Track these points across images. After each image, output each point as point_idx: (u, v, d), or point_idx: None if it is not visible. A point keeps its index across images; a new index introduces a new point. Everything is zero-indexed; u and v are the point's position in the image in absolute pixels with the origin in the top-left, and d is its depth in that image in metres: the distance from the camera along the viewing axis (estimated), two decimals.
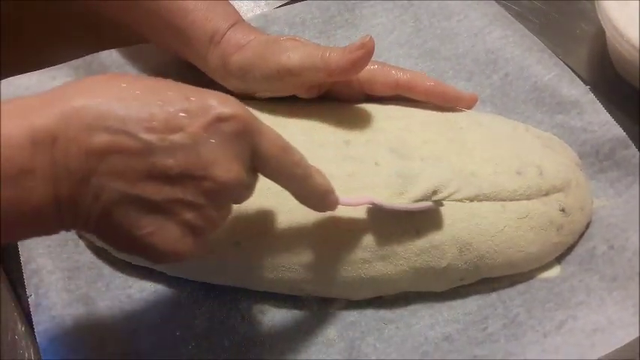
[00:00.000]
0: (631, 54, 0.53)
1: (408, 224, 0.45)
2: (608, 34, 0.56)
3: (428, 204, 0.44)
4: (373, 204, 0.44)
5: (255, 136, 0.36)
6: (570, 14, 0.64)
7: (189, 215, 0.35)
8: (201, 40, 0.49)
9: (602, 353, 0.42)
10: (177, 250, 0.35)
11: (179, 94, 0.34)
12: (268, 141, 0.37)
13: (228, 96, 0.36)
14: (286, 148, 0.38)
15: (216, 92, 0.35)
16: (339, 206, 0.42)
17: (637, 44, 0.52)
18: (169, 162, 0.33)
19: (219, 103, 0.34)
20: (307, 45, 0.47)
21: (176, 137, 0.33)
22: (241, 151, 0.35)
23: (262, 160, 0.37)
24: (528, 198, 0.46)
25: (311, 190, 0.40)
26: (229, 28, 0.49)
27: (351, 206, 0.44)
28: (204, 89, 0.35)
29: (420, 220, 0.45)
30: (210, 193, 0.35)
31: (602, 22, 0.55)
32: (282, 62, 0.46)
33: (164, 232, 0.34)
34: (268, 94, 0.50)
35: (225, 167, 0.34)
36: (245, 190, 0.38)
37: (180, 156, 0.33)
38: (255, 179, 0.39)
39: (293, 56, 0.46)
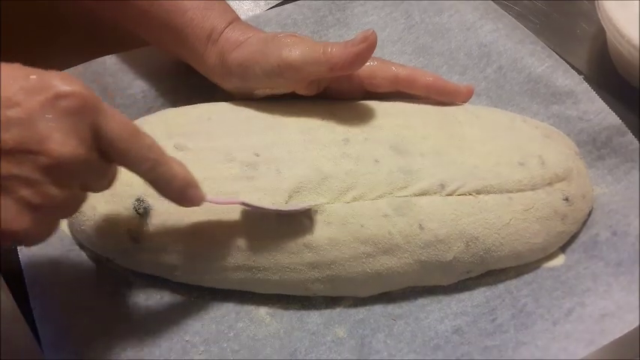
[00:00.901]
0: (631, 54, 0.54)
1: (411, 219, 0.45)
2: (608, 33, 0.56)
3: (300, 205, 0.44)
4: (244, 204, 0.43)
5: (97, 114, 0.36)
6: (571, 14, 0.64)
7: (25, 192, 0.34)
8: (199, 37, 0.49)
9: (612, 338, 0.43)
10: (14, 227, 0.35)
11: (20, 73, 0.35)
12: (114, 122, 0.36)
13: (73, 77, 0.36)
14: (135, 131, 0.38)
15: (61, 72, 0.36)
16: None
17: (637, 44, 0.53)
18: (4, 136, 0.33)
19: (59, 81, 0.35)
20: (307, 40, 0.47)
21: (11, 112, 0.33)
22: (81, 129, 0.35)
23: (107, 140, 0.36)
24: (533, 188, 0.46)
25: (167, 179, 0.39)
26: (227, 26, 0.49)
27: (220, 205, 0.44)
28: (52, 71, 0.36)
29: (423, 215, 0.45)
30: (47, 168, 0.34)
31: (602, 22, 0.56)
32: (282, 56, 0.46)
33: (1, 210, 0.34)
34: (268, 92, 0.50)
35: (60, 141, 0.34)
36: (90, 171, 0.37)
37: (15, 130, 0.33)
38: (106, 165, 0.38)
39: (294, 50, 0.46)
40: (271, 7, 0.63)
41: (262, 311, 0.47)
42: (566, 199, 0.47)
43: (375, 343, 0.45)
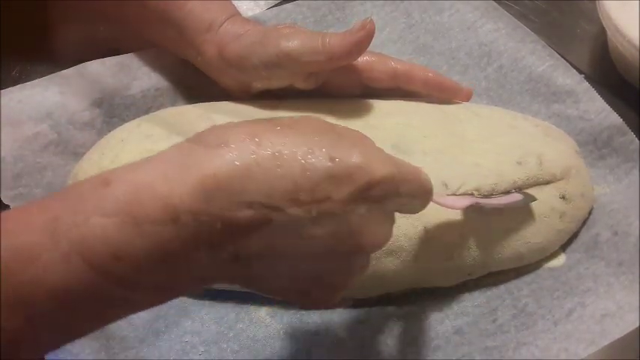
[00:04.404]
0: (632, 54, 0.53)
1: (416, 220, 0.44)
2: (609, 33, 0.56)
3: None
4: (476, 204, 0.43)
5: (400, 186, 0.33)
6: (571, 14, 0.64)
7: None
8: (197, 29, 0.49)
9: (613, 338, 0.43)
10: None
11: (323, 156, 0.31)
12: (410, 182, 0.34)
13: (375, 154, 0.33)
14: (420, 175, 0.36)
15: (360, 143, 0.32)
16: None
17: (637, 44, 0.52)
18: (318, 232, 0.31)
19: (369, 167, 0.31)
20: (306, 31, 0.47)
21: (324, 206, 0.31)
22: (389, 211, 0.34)
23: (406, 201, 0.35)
24: (530, 187, 0.46)
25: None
26: (226, 20, 0.49)
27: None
28: (348, 137, 0.33)
29: (428, 217, 0.44)
30: (358, 258, 0.34)
31: (603, 22, 0.55)
32: (281, 46, 0.46)
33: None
34: (266, 84, 0.49)
35: (375, 233, 0.33)
36: None
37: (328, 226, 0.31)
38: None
39: (292, 40, 0.46)
40: (271, 7, 0.62)
41: (262, 312, 0.47)
42: (563, 197, 0.47)
43: (376, 345, 0.45)
